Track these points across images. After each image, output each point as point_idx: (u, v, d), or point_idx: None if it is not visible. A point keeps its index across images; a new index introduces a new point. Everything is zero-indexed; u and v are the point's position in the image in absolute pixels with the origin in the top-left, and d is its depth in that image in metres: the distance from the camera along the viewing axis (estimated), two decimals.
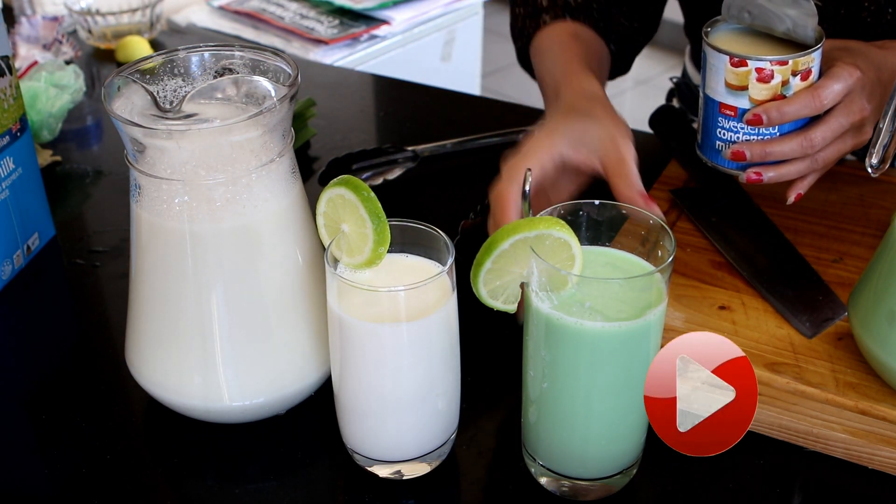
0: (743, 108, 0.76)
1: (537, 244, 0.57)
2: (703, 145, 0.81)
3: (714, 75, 0.77)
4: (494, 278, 0.59)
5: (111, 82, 0.63)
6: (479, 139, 1.05)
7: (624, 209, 0.62)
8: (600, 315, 0.56)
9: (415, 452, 0.64)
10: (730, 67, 0.75)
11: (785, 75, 0.74)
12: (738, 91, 0.75)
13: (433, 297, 0.59)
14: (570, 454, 0.62)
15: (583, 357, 0.58)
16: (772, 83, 0.74)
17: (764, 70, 0.74)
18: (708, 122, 0.79)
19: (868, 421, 0.66)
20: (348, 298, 0.59)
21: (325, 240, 0.62)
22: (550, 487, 0.64)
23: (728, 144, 0.78)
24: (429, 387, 0.61)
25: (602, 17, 0.95)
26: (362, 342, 0.60)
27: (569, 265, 0.57)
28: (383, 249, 0.60)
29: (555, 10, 0.95)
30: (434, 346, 0.60)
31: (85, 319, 0.84)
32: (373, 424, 0.63)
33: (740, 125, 0.76)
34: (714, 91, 0.77)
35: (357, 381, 0.61)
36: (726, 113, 0.77)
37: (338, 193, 0.60)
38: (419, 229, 0.62)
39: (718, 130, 0.78)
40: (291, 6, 1.97)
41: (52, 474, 0.68)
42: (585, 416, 0.60)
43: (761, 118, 0.75)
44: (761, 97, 0.75)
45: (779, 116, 0.74)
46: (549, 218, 0.57)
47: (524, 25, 0.98)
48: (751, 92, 0.75)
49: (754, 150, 0.76)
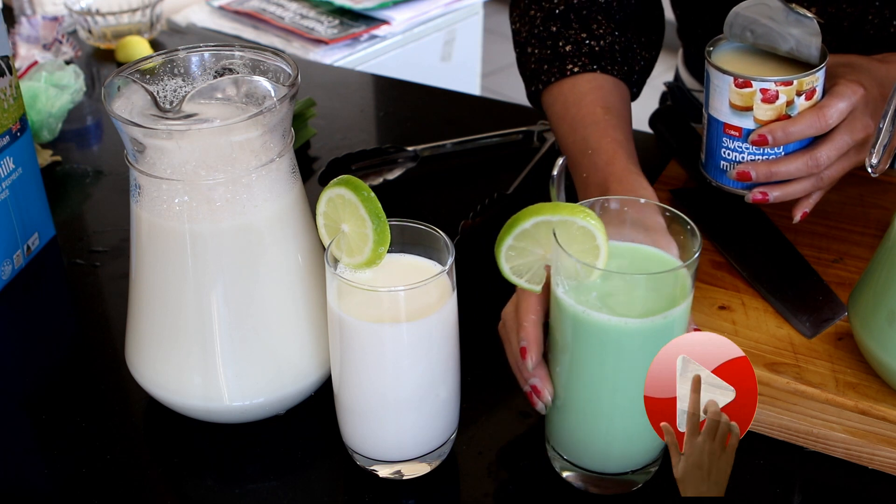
0: (748, 129, 0.76)
1: (562, 230, 0.57)
2: (708, 165, 0.81)
3: (718, 96, 0.76)
4: (517, 256, 0.59)
5: (111, 82, 0.63)
6: (479, 139, 1.05)
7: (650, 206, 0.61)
8: (625, 310, 0.56)
9: (415, 452, 0.64)
10: (734, 88, 0.74)
11: (790, 95, 0.74)
12: (742, 111, 0.75)
13: (433, 297, 0.59)
14: (593, 448, 0.62)
15: (607, 352, 0.58)
16: (776, 103, 0.74)
17: (769, 91, 0.73)
18: (712, 141, 0.79)
19: (868, 421, 0.66)
20: (348, 298, 0.59)
21: (325, 240, 0.62)
22: (573, 482, 0.64)
23: (733, 164, 0.78)
24: (429, 387, 0.61)
25: (625, 59, 0.92)
26: (362, 342, 0.60)
27: (593, 256, 0.57)
28: (383, 249, 0.60)
29: (581, 60, 0.90)
30: (434, 346, 0.60)
31: (85, 319, 0.84)
32: (373, 424, 0.63)
33: (745, 145, 0.76)
34: (718, 111, 0.77)
35: (357, 381, 0.61)
36: (731, 133, 0.77)
37: (338, 193, 0.60)
38: (419, 229, 0.62)
39: (723, 150, 0.78)
40: (291, 6, 1.97)
41: (52, 474, 0.68)
42: (609, 411, 0.60)
43: (767, 139, 0.74)
44: (766, 117, 0.75)
45: (784, 137, 0.74)
46: (575, 205, 0.57)
47: (540, 69, 0.92)
48: (755, 112, 0.75)
49: (760, 170, 0.76)
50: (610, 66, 0.90)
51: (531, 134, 1.06)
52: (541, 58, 0.92)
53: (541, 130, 1.05)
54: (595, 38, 0.91)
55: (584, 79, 0.89)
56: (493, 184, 0.97)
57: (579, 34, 0.91)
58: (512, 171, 0.99)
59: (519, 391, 0.73)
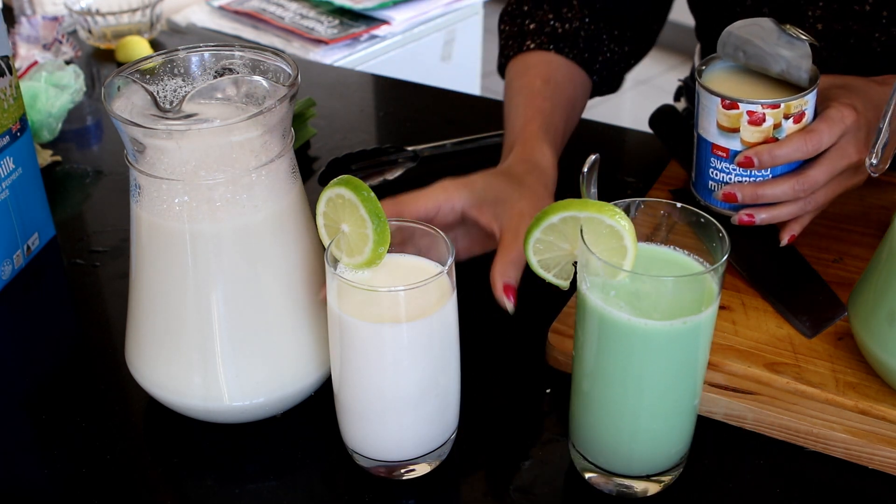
0: (735, 150, 0.75)
1: (589, 227, 0.57)
2: (697, 184, 0.81)
3: (706, 116, 0.76)
4: (544, 249, 0.59)
5: (111, 82, 0.63)
6: (479, 139, 1.05)
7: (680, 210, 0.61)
8: (648, 312, 0.56)
9: (415, 452, 0.64)
10: (721, 109, 0.74)
11: (777, 118, 0.73)
12: (729, 133, 0.75)
13: (433, 297, 0.59)
14: (616, 449, 0.62)
15: (630, 353, 0.58)
16: (763, 126, 0.74)
17: (755, 113, 0.73)
18: (701, 161, 0.79)
19: (868, 421, 0.66)
20: (348, 298, 0.60)
21: (325, 240, 0.62)
22: (596, 483, 0.64)
23: (720, 185, 0.78)
24: (428, 387, 0.61)
25: (588, 46, 0.94)
26: (362, 342, 0.60)
27: (619, 256, 0.56)
28: (383, 249, 0.60)
29: (540, 38, 0.93)
30: (434, 345, 0.60)
31: (85, 319, 0.84)
32: (373, 425, 0.63)
33: (732, 166, 0.76)
34: (706, 131, 0.77)
35: (357, 381, 0.61)
36: (718, 154, 0.76)
37: (338, 193, 0.60)
38: (419, 229, 0.62)
39: (711, 171, 0.78)
40: (291, 6, 1.97)
41: (52, 474, 0.68)
42: (633, 412, 0.60)
43: (752, 161, 0.74)
44: (753, 139, 0.74)
45: (770, 160, 0.74)
46: (604, 203, 0.57)
47: (506, 45, 0.97)
48: (742, 134, 0.74)
49: (746, 192, 0.76)
50: (568, 49, 0.92)
51: None
52: (508, 34, 0.97)
53: None
54: (562, 20, 0.93)
55: (536, 55, 0.93)
56: None
57: (546, 14, 0.94)
58: None
59: (519, 392, 0.74)
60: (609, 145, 1.07)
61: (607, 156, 0.91)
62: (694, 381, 0.60)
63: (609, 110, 2.94)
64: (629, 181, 0.98)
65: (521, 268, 0.70)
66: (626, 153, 1.07)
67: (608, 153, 0.97)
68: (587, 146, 1.06)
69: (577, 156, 0.75)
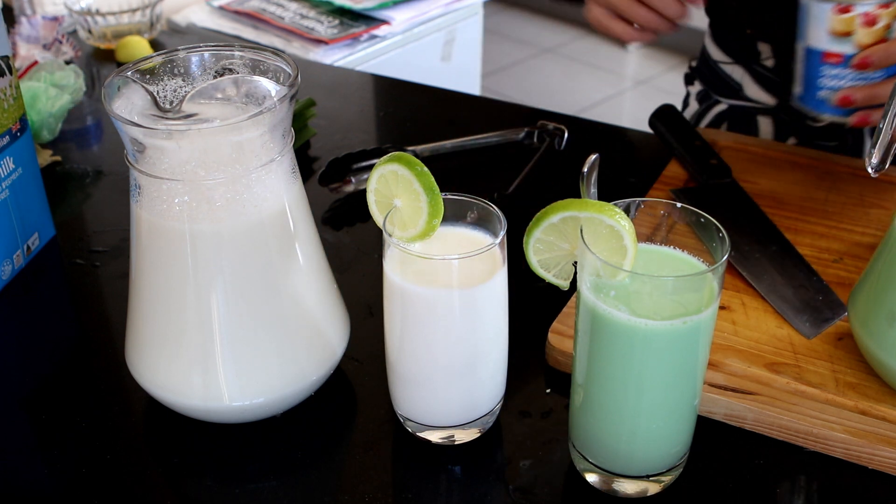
0: (848, 55, 0.78)
1: (589, 227, 0.57)
2: (806, 97, 0.83)
3: (816, 26, 0.78)
4: (544, 249, 0.60)
5: (111, 82, 0.63)
6: (479, 139, 1.05)
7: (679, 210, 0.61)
8: (648, 312, 0.56)
9: (461, 419, 0.66)
10: (835, 15, 0.76)
11: (889, 18, 0.76)
12: (842, 37, 0.77)
13: (485, 267, 0.61)
14: (615, 449, 0.62)
15: (630, 353, 0.58)
16: (877, 27, 0.76)
17: (870, 14, 0.76)
18: (809, 73, 0.81)
19: (868, 421, 0.66)
20: (408, 266, 0.61)
21: (376, 215, 0.64)
22: (596, 483, 0.64)
23: (833, 91, 0.79)
24: (478, 354, 0.64)
25: None
26: (418, 309, 0.62)
27: (619, 256, 0.57)
28: (437, 221, 0.62)
29: None
30: (485, 314, 0.62)
31: (85, 319, 0.84)
32: (424, 392, 0.65)
33: (846, 71, 0.79)
34: (817, 40, 0.79)
35: (414, 348, 0.64)
36: (831, 61, 0.79)
37: (391, 170, 0.62)
38: (472, 203, 0.64)
39: (822, 79, 0.80)
40: (291, 6, 1.97)
41: (52, 474, 0.68)
42: (633, 412, 0.60)
43: (869, 61, 0.76)
44: (867, 41, 0.77)
45: (885, 58, 0.76)
46: (604, 203, 0.57)
47: None
48: (856, 37, 0.77)
49: (862, 94, 0.78)
50: None
51: (531, 134, 1.06)
52: None
53: (541, 130, 1.05)
54: None
55: None
56: (493, 184, 0.97)
57: None
58: (512, 171, 0.99)
59: (519, 390, 0.73)
60: (609, 145, 1.08)
61: (607, 156, 0.91)
62: (694, 382, 0.60)
63: (609, 110, 2.95)
64: (629, 181, 0.98)
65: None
66: (626, 153, 1.07)
67: (608, 153, 0.97)
68: (587, 146, 1.06)
69: (577, 156, 0.75)
